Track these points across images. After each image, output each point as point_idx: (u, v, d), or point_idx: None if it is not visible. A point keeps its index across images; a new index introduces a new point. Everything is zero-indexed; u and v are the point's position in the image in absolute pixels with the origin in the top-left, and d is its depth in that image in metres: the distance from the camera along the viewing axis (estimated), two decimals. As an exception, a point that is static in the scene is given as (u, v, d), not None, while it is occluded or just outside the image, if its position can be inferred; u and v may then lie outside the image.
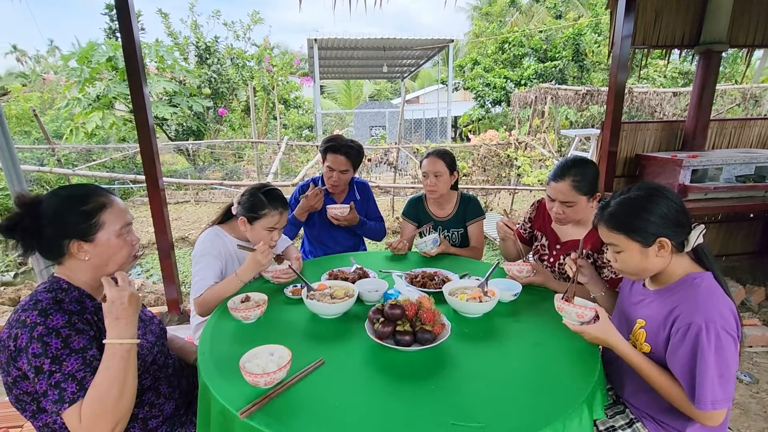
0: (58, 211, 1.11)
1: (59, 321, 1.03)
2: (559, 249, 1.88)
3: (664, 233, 1.15)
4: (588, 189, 1.69)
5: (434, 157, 2.28)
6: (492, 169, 6.99)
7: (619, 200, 1.21)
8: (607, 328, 1.21)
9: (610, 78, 3.11)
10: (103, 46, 8.73)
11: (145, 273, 5.14)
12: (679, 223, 1.16)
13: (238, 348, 1.20)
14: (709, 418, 1.08)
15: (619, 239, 1.19)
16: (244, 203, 1.76)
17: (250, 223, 1.76)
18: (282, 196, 1.81)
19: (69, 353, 1.01)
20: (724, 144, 3.75)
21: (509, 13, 16.85)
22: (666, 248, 1.16)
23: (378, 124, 14.36)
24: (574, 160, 1.72)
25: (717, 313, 1.06)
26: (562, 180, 1.68)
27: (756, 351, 2.73)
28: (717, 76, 3.39)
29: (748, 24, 3.38)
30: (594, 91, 8.18)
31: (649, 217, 1.15)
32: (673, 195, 1.18)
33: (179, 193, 9.16)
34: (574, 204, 1.70)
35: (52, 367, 0.98)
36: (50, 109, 11.61)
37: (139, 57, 2.57)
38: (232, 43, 11.30)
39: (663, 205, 1.16)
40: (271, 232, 1.77)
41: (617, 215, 1.20)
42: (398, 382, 1.15)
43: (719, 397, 1.04)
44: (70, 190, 1.16)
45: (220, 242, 1.80)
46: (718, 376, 1.04)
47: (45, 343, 0.99)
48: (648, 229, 1.15)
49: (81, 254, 1.12)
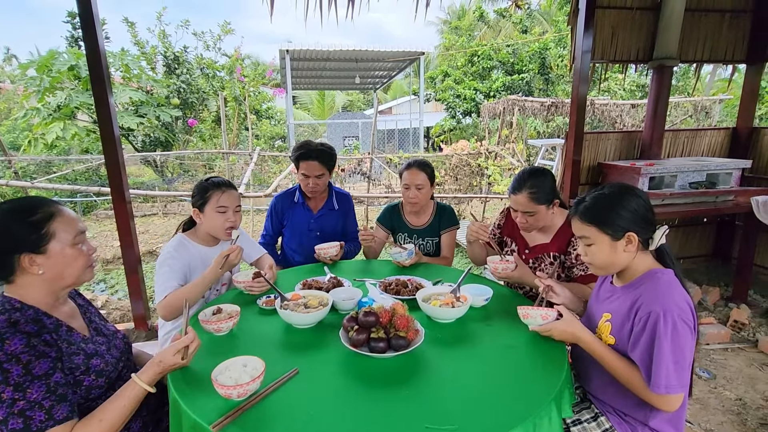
0: (3, 225, 1.05)
1: (18, 345, 0.98)
2: (528, 253, 1.97)
3: (633, 228, 1.23)
4: (545, 198, 1.78)
5: (416, 168, 2.27)
6: (464, 178, 7.13)
7: (594, 195, 1.30)
8: (572, 322, 1.31)
9: (573, 91, 3.25)
10: (65, 54, 8.42)
11: (109, 289, 4.93)
12: (647, 220, 1.25)
13: (210, 361, 1.18)
14: (665, 403, 1.14)
15: (591, 231, 1.27)
16: (194, 196, 1.82)
17: (201, 210, 1.80)
18: (225, 179, 1.86)
19: (32, 380, 0.96)
20: (678, 153, 3.98)
21: (477, 27, 17.36)
22: (633, 243, 1.24)
23: (351, 134, 14.41)
24: (530, 172, 1.81)
25: (674, 303, 1.14)
26: (520, 192, 1.79)
27: (713, 348, 2.88)
28: (669, 89, 3.61)
29: (696, 40, 3.63)
30: (559, 103, 8.50)
31: (621, 211, 1.24)
32: (643, 194, 1.28)
33: (146, 205, 8.87)
34: (535, 213, 1.79)
35: (14, 395, 0.94)
36: (6, 120, 11.06)
37: (104, 66, 2.51)
38: (202, 53, 11.14)
39: (634, 202, 1.25)
40: (224, 213, 1.79)
41: (591, 209, 1.28)
42: (373, 389, 1.16)
43: (673, 382, 1.11)
44: (14, 203, 1.11)
45: (183, 249, 1.80)
46: (673, 362, 1.11)
47: (5, 371, 0.94)
48: (618, 223, 1.24)
49: (34, 268, 1.07)
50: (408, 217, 2.43)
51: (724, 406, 2.31)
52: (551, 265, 1.89)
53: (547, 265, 1.90)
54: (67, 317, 1.18)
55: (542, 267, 1.92)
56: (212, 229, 1.82)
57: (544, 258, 1.91)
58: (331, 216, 2.51)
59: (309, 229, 2.46)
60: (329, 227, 2.48)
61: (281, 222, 2.50)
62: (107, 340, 1.26)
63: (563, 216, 1.89)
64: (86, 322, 1.25)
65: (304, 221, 2.46)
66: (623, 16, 3.45)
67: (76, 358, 1.10)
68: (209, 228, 1.82)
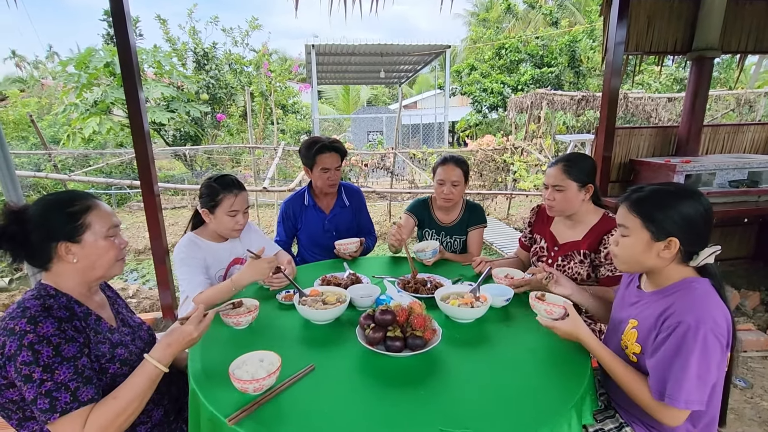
0: (44, 214, 1.11)
1: (49, 328, 1.02)
2: (557, 251, 1.89)
3: (679, 235, 1.14)
4: (578, 176, 1.72)
5: (452, 164, 2.20)
6: (489, 174, 7.01)
7: (653, 188, 1.20)
8: (577, 324, 1.25)
9: (604, 84, 3.13)
10: (101, 51, 8.75)
11: (141, 278, 5.13)
12: (698, 233, 1.15)
13: (229, 354, 1.20)
14: (674, 417, 1.09)
15: (634, 223, 1.18)
16: (202, 196, 1.81)
17: (211, 212, 1.80)
18: (235, 180, 1.83)
19: (61, 361, 1.01)
20: (717, 149, 3.77)
21: (506, 19, 16.97)
22: (672, 250, 1.15)
23: (375, 129, 14.41)
24: (572, 152, 1.75)
25: (710, 316, 1.06)
26: (555, 165, 1.77)
27: (751, 356, 2.73)
28: (710, 82, 3.42)
29: (740, 30, 3.42)
30: (590, 97, 8.22)
31: (673, 213, 1.13)
32: (707, 204, 1.15)
33: (176, 198, 9.15)
34: (564, 189, 1.74)
35: (43, 375, 0.98)
36: (48, 115, 11.61)
37: (135, 62, 2.58)
38: (231, 48, 11.35)
39: (692, 208, 1.13)
40: (233, 217, 1.80)
41: (643, 200, 1.19)
42: (388, 388, 1.15)
43: (694, 398, 1.04)
44: (55, 195, 1.17)
45: (195, 248, 1.81)
46: (697, 377, 1.04)
47: (36, 351, 0.99)
48: (665, 224, 1.14)
49: (69, 257, 1.12)
50: (437, 213, 2.39)
51: (760, 417, 2.19)
52: (581, 264, 1.81)
53: (576, 263, 1.83)
54: (97, 307, 1.23)
55: (571, 266, 1.84)
56: (221, 230, 1.83)
57: (574, 256, 1.83)
58: (344, 213, 2.49)
59: (324, 230, 2.44)
60: (344, 225, 2.47)
61: (295, 226, 2.47)
62: (132, 331, 1.30)
63: (597, 214, 1.82)
64: (114, 312, 1.29)
65: (318, 223, 2.44)
66: (660, 5, 3.28)
67: (102, 347, 1.14)
68: (218, 229, 1.84)
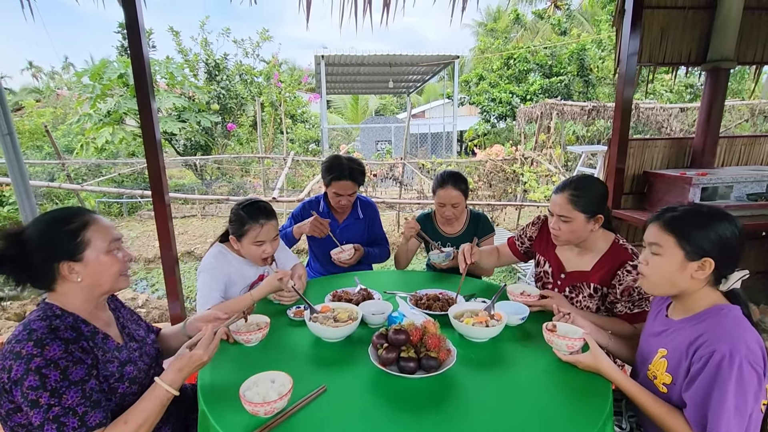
0: (43, 235, 1.10)
1: (56, 351, 1.00)
2: (564, 279, 1.75)
3: (714, 256, 1.11)
4: (586, 207, 1.57)
5: (450, 186, 2.17)
6: (498, 185, 6.97)
7: (687, 208, 1.19)
8: (599, 357, 1.22)
9: (617, 95, 3.09)
10: (115, 63, 8.92)
11: (150, 287, 5.14)
12: (732, 256, 1.14)
13: (239, 373, 1.17)
14: None
15: (668, 241, 1.16)
16: (231, 222, 1.80)
17: (239, 240, 1.78)
18: (263, 207, 1.79)
19: (68, 386, 0.99)
20: (733, 161, 3.70)
21: (514, 29, 17.02)
22: (705, 271, 1.12)
23: (384, 138, 14.43)
24: (581, 177, 1.64)
25: (744, 343, 1.02)
26: (561, 193, 1.61)
27: (773, 375, 2.64)
28: (725, 93, 3.35)
29: (756, 40, 3.36)
30: (600, 107, 8.15)
31: (710, 233, 1.12)
32: (740, 227, 1.14)
33: (186, 207, 9.22)
34: (570, 220, 1.59)
35: (50, 400, 0.96)
36: (62, 124, 11.83)
37: (148, 74, 2.60)
38: (242, 59, 11.50)
39: (728, 229, 1.12)
40: (260, 246, 1.77)
41: (679, 219, 1.16)
42: (401, 411, 1.11)
43: (734, 430, 1.00)
44: (52, 213, 1.16)
45: (223, 259, 1.82)
46: (735, 407, 1.00)
47: (43, 376, 0.97)
48: (701, 244, 1.12)
49: (72, 276, 1.11)
50: (441, 225, 2.40)
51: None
52: (590, 298, 1.67)
53: (585, 296, 1.68)
54: (104, 325, 1.21)
55: (579, 299, 1.70)
56: (249, 256, 1.82)
57: (583, 288, 1.69)
58: (357, 225, 2.50)
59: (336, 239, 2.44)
60: (355, 236, 2.47)
61: None
62: (139, 346, 1.28)
63: (607, 241, 1.67)
64: (119, 328, 1.27)
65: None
66: (674, 16, 3.25)
67: (110, 366, 1.13)
68: (246, 254, 1.82)
